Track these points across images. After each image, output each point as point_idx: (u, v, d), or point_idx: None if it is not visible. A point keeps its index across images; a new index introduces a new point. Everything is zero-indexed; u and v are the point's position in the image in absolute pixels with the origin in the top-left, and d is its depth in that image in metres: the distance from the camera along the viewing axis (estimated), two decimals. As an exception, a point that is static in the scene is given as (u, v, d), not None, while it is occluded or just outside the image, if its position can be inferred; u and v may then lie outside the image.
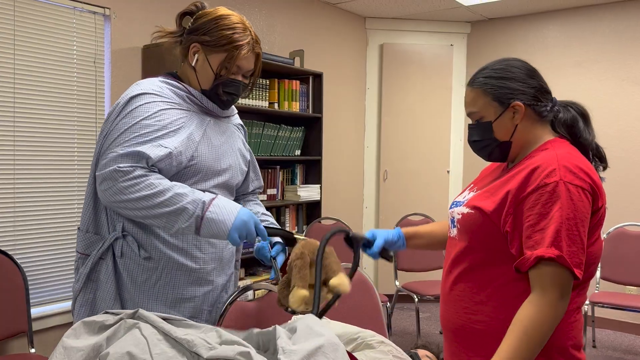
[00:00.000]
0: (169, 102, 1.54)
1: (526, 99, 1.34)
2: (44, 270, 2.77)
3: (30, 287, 2.62)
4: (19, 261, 2.58)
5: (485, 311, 1.32)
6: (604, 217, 1.30)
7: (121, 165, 1.40)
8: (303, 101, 3.95)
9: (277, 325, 1.25)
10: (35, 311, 2.69)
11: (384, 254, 1.61)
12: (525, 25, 4.81)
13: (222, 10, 1.60)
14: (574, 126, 1.38)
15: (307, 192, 3.94)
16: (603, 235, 3.89)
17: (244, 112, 3.70)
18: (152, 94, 1.52)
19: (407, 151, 4.99)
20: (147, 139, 1.45)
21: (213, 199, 1.43)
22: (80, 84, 2.88)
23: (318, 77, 4.00)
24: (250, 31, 1.59)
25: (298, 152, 4.01)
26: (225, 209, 1.42)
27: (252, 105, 3.57)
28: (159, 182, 1.41)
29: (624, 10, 4.36)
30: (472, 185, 1.51)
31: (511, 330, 1.22)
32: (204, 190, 1.53)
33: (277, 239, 1.65)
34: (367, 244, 1.59)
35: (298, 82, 3.87)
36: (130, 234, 1.52)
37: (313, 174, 4.09)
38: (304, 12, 4.31)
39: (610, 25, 4.41)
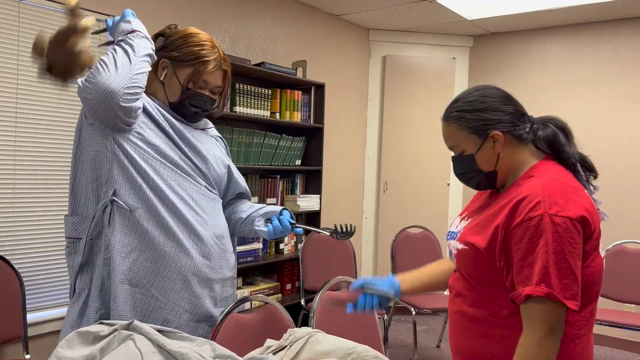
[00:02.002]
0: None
1: (504, 127, 1.33)
2: (41, 275, 2.77)
3: (26, 293, 2.62)
4: (16, 266, 2.57)
5: (494, 336, 1.32)
6: (599, 237, 1.29)
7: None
8: (305, 111, 3.96)
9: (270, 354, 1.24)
10: (31, 317, 2.69)
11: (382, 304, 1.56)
12: (527, 40, 4.83)
13: (192, 29, 1.70)
14: (554, 141, 1.36)
15: (307, 202, 3.94)
16: (602, 252, 3.88)
17: (245, 122, 3.71)
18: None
19: (407, 163, 5.00)
20: None
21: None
22: (83, 90, 2.89)
23: (320, 87, 4.02)
24: (218, 49, 1.69)
25: (298, 162, 4.01)
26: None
27: (254, 114, 3.58)
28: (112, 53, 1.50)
29: (623, 28, 4.37)
30: (464, 212, 1.51)
31: None
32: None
33: (277, 210, 1.74)
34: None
35: (300, 92, 3.89)
36: (120, 196, 1.54)
37: (313, 184, 4.10)
38: (307, 23, 4.33)
39: (611, 42, 4.43)
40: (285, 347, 1.41)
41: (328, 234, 1.63)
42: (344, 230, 1.63)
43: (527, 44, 4.83)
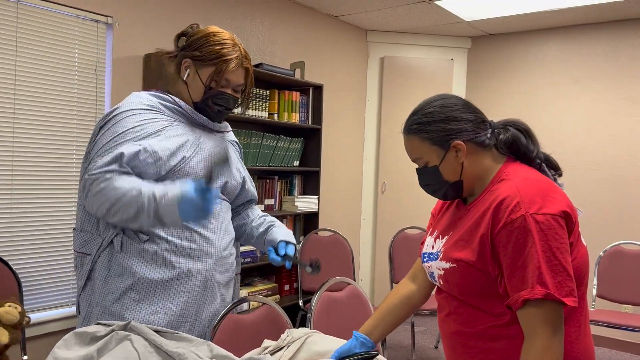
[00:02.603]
0: (156, 111, 1.61)
1: (465, 135, 1.31)
2: (39, 277, 2.77)
3: (24, 294, 2.62)
4: (14, 267, 2.57)
5: (498, 348, 1.29)
6: (578, 227, 1.27)
7: (91, 172, 1.48)
8: (303, 112, 3.96)
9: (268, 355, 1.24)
10: (28, 318, 2.68)
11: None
12: (525, 42, 4.83)
13: (213, 28, 1.69)
14: (515, 143, 1.35)
15: (305, 203, 3.94)
16: (599, 254, 3.89)
17: (244, 123, 3.71)
18: (139, 108, 1.59)
19: (405, 164, 5.00)
20: (126, 139, 1.52)
21: (163, 190, 1.45)
22: (81, 91, 2.89)
23: (318, 88, 4.02)
24: (239, 47, 1.67)
25: (297, 163, 4.01)
26: (170, 194, 1.44)
27: (252, 115, 3.59)
28: (121, 184, 1.45)
29: (621, 30, 4.38)
30: (433, 230, 1.46)
31: None
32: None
33: (276, 240, 1.73)
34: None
35: (298, 93, 3.89)
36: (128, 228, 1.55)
37: (311, 185, 4.10)
38: (306, 24, 4.34)
39: (609, 43, 4.44)
40: (283, 347, 1.41)
41: (310, 270, 1.62)
42: (315, 265, 1.62)
43: (525, 45, 4.84)
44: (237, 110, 1.81)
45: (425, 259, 1.43)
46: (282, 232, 1.79)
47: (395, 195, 5.01)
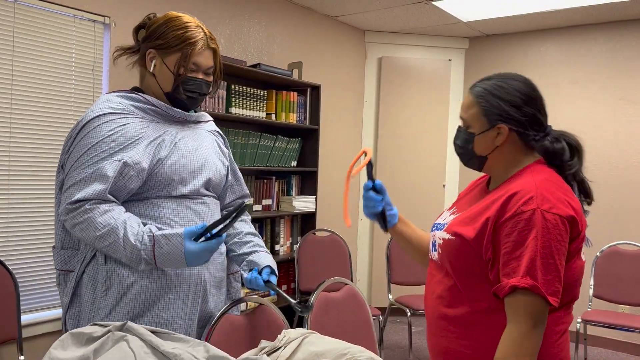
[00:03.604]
0: (128, 115, 1.55)
1: (514, 124, 1.33)
2: (36, 277, 2.76)
3: (21, 294, 2.61)
4: (10, 267, 2.57)
5: (474, 335, 1.32)
6: (583, 241, 1.30)
7: (72, 199, 1.44)
8: (300, 113, 3.96)
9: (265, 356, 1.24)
10: (25, 318, 2.68)
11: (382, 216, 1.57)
12: (523, 43, 4.84)
13: (172, 13, 1.63)
14: (556, 154, 1.35)
15: (303, 204, 3.94)
16: (596, 254, 3.90)
17: (241, 123, 3.71)
18: (110, 113, 1.53)
19: (403, 165, 5.01)
20: (104, 156, 1.47)
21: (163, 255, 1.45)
22: (78, 91, 2.88)
23: (316, 89, 4.02)
24: (202, 28, 1.62)
25: (294, 163, 4.01)
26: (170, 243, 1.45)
27: (249, 115, 3.58)
28: (103, 220, 1.44)
29: (618, 30, 4.39)
30: (453, 207, 1.51)
31: None
32: (188, 194, 1.57)
33: (263, 263, 1.68)
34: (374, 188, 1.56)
35: (296, 93, 3.89)
36: None
37: (309, 185, 4.10)
38: (303, 25, 4.34)
39: (607, 44, 4.45)
40: (280, 348, 1.41)
41: (293, 302, 1.60)
42: (305, 304, 1.61)
43: (523, 46, 4.85)
44: (210, 94, 1.73)
45: (433, 228, 1.48)
46: (269, 259, 1.74)
47: (392, 195, 5.01)
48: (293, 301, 1.57)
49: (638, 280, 3.71)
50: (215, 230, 1.46)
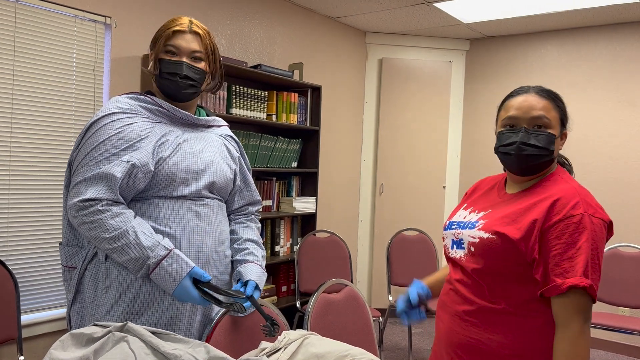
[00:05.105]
0: (135, 115, 1.57)
1: (568, 131, 1.46)
2: (36, 277, 2.76)
3: (21, 294, 2.61)
4: (10, 267, 2.57)
5: (501, 330, 1.36)
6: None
7: (83, 197, 1.46)
8: (301, 114, 3.96)
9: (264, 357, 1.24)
10: (25, 318, 2.68)
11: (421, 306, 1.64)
12: (524, 44, 4.84)
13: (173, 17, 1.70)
14: (566, 165, 1.54)
15: (303, 205, 3.94)
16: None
17: (242, 124, 3.72)
18: (117, 112, 1.55)
19: (403, 166, 5.00)
20: (111, 154, 1.49)
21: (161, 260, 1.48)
22: (79, 91, 2.89)
23: (317, 90, 4.02)
24: (186, 18, 1.65)
25: (295, 164, 4.01)
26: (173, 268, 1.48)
27: (250, 116, 3.59)
28: (115, 223, 1.46)
29: (619, 32, 4.40)
30: (469, 206, 1.55)
31: None
32: (189, 195, 1.57)
33: (248, 277, 1.68)
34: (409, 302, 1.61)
35: (296, 94, 3.89)
36: None
37: (309, 186, 4.10)
38: (304, 26, 4.34)
39: (607, 46, 4.45)
40: (280, 349, 1.41)
41: (266, 331, 1.57)
42: (272, 327, 1.59)
43: (524, 47, 4.85)
44: (208, 88, 1.73)
45: (454, 227, 1.51)
46: (258, 273, 1.71)
47: (393, 196, 5.01)
48: (266, 322, 1.57)
49: (638, 282, 3.71)
50: (208, 290, 1.51)
